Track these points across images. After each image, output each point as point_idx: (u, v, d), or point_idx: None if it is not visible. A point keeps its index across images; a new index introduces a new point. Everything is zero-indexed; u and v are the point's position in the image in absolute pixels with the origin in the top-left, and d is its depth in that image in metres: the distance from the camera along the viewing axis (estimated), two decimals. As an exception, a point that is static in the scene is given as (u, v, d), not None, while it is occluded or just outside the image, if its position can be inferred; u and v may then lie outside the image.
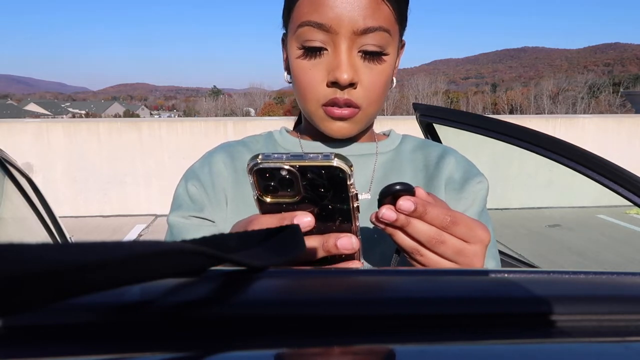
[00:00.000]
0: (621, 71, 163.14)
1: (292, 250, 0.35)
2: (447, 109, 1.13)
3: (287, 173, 0.38)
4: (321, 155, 0.37)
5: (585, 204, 6.33)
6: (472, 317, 0.27)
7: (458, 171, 0.62)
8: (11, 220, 1.54)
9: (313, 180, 0.38)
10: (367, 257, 0.56)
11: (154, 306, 0.25)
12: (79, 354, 0.23)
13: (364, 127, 0.59)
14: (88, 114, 79.30)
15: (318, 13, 0.51)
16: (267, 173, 0.38)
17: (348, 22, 0.50)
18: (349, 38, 0.51)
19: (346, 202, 0.39)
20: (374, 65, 0.54)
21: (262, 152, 0.38)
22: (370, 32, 0.51)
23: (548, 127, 6.89)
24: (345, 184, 0.38)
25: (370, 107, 0.56)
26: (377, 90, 0.55)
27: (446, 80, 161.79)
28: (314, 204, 0.39)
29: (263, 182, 0.39)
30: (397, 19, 0.54)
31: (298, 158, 0.37)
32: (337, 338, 0.25)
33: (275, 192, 0.39)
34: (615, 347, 0.26)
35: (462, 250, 0.41)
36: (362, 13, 0.50)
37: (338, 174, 0.37)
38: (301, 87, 0.56)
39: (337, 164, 0.37)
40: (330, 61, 0.53)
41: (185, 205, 0.61)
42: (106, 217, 6.34)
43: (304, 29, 0.52)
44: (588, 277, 0.31)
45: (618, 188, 0.71)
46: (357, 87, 0.54)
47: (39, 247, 0.17)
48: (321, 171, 0.37)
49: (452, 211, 0.41)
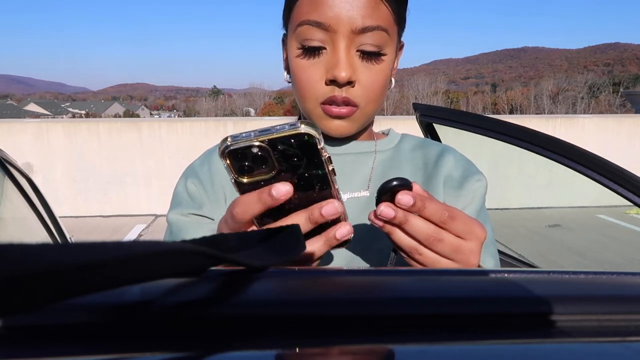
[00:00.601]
0: (621, 71, 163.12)
1: (292, 250, 0.35)
2: (447, 109, 1.13)
3: (258, 150, 0.38)
4: (287, 125, 0.38)
5: (585, 204, 6.32)
6: (472, 317, 0.27)
7: (457, 169, 0.63)
8: (11, 220, 1.53)
9: (285, 151, 0.38)
10: (365, 255, 0.56)
11: (154, 306, 0.25)
12: (79, 354, 0.23)
13: (362, 126, 0.60)
14: (88, 114, 79.30)
15: (317, 12, 0.51)
16: (239, 154, 0.38)
17: (347, 21, 0.51)
18: (348, 37, 0.52)
19: (321, 167, 0.39)
20: (372, 65, 0.54)
21: (230, 135, 0.38)
22: (369, 32, 0.52)
23: (548, 127, 6.89)
24: (317, 148, 0.38)
25: (369, 106, 0.56)
26: (375, 89, 0.55)
27: (446, 80, 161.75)
28: (291, 175, 0.39)
29: (237, 164, 0.39)
30: (395, 20, 0.55)
31: (266, 132, 0.38)
32: (337, 338, 0.25)
33: (250, 171, 0.39)
34: (615, 347, 0.26)
35: (459, 247, 0.41)
36: (360, 12, 0.51)
37: (308, 140, 0.38)
38: (300, 85, 0.56)
39: (304, 130, 0.37)
40: (328, 60, 0.53)
41: (185, 203, 0.62)
42: (106, 217, 6.33)
43: (303, 27, 0.53)
44: (588, 277, 0.31)
45: (618, 188, 0.71)
46: (355, 85, 0.54)
47: (39, 247, 0.17)
48: (291, 141, 0.38)
49: (450, 207, 0.42)
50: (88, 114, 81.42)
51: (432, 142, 0.68)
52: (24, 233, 1.58)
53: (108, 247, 0.19)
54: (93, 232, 5.66)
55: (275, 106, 72.32)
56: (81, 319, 0.24)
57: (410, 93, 67.70)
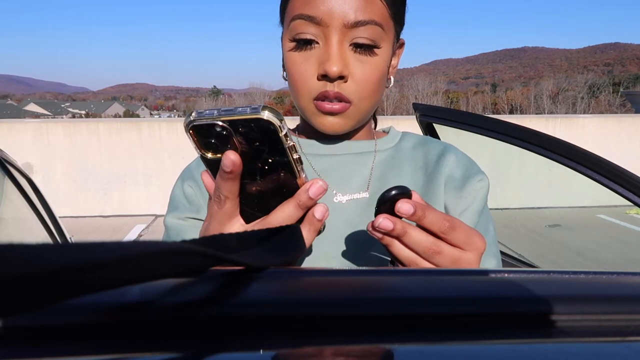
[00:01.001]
0: (621, 71, 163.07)
1: (292, 250, 0.35)
2: (447, 109, 1.13)
3: (221, 129, 0.37)
4: (250, 108, 0.37)
5: (585, 204, 6.32)
6: (472, 317, 0.27)
7: (459, 169, 0.62)
8: (11, 220, 1.53)
9: (246, 134, 0.37)
10: (364, 258, 0.56)
11: (154, 306, 0.25)
12: (79, 354, 0.23)
13: (358, 123, 0.58)
14: (88, 114, 79.27)
15: (310, 6, 0.51)
16: (204, 130, 0.38)
17: (339, 15, 0.51)
18: (340, 31, 0.51)
19: (284, 154, 0.38)
20: (366, 59, 0.53)
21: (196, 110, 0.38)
22: (362, 26, 0.51)
23: (548, 127, 6.89)
24: (278, 136, 0.37)
25: (362, 102, 0.55)
26: (368, 84, 0.54)
27: (446, 80, 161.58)
28: (255, 158, 0.39)
29: (202, 140, 0.39)
30: (391, 15, 0.54)
31: (229, 113, 0.37)
32: (337, 338, 0.25)
33: (215, 148, 0.39)
34: (615, 347, 0.26)
35: (458, 259, 0.41)
36: (353, 6, 0.51)
37: (268, 127, 0.37)
38: (294, 81, 0.56)
39: (264, 117, 0.36)
40: (321, 54, 0.53)
41: (182, 207, 0.61)
42: (106, 217, 6.33)
43: (296, 22, 0.53)
44: (588, 277, 0.31)
45: (618, 188, 0.71)
46: (347, 80, 0.53)
47: (39, 247, 0.17)
48: (251, 124, 0.37)
49: (450, 217, 0.41)
50: (88, 114, 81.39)
51: (434, 140, 0.67)
52: (24, 233, 1.58)
53: (108, 247, 0.19)
54: (93, 232, 5.65)
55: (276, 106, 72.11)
56: (81, 319, 0.24)
57: (410, 93, 67.68)
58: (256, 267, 0.29)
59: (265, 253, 0.32)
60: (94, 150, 6.31)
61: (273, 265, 0.30)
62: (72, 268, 0.17)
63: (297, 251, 0.36)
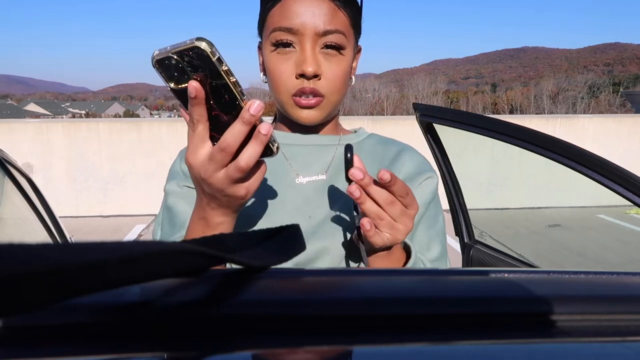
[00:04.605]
0: (621, 71, 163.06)
1: (292, 250, 0.35)
2: (447, 109, 1.13)
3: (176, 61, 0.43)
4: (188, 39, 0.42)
5: (585, 204, 6.32)
6: (472, 317, 0.27)
7: (411, 166, 0.73)
8: (11, 220, 1.54)
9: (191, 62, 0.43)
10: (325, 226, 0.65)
11: (154, 306, 0.25)
12: (79, 354, 0.23)
13: (330, 114, 0.70)
14: (88, 114, 79.27)
15: (287, 20, 0.63)
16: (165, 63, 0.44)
17: (311, 26, 0.63)
18: (312, 38, 0.63)
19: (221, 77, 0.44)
20: (334, 59, 0.65)
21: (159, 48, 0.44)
22: (330, 34, 0.64)
23: (548, 127, 6.89)
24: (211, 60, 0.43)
25: (333, 96, 0.67)
26: (337, 81, 0.66)
27: (446, 80, 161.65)
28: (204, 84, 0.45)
29: (167, 72, 0.45)
30: (352, 25, 0.67)
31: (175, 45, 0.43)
32: (336, 338, 0.25)
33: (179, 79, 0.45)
34: (615, 347, 0.26)
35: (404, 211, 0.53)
36: (322, 19, 0.63)
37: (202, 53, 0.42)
38: (274, 80, 0.66)
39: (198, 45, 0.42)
40: (297, 57, 0.64)
41: (179, 178, 0.72)
42: (106, 217, 6.33)
43: (275, 33, 0.64)
44: (588, 277, 0.31)
45: (618, 188, 0.70)
46: (321, 78, 0.65)
47: (39, 247, 0.17)
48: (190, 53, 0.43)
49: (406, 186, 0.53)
50: (88, 114, 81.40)
51: (396, 141, 0.78)
52: (24, 233, 1.58)
53: (108, 247, 0.19)
54: (93, 232, 5.65)
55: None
56: (81, 319, 0.24)
57: (410, 93, 67.66)
58: (256, 267, 0.29)
59: (265, 253, 0.32)
60: (94, 150, 6.31)
61: (273, 265, 0.30)
62: (73, 268, 0.17)
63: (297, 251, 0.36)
